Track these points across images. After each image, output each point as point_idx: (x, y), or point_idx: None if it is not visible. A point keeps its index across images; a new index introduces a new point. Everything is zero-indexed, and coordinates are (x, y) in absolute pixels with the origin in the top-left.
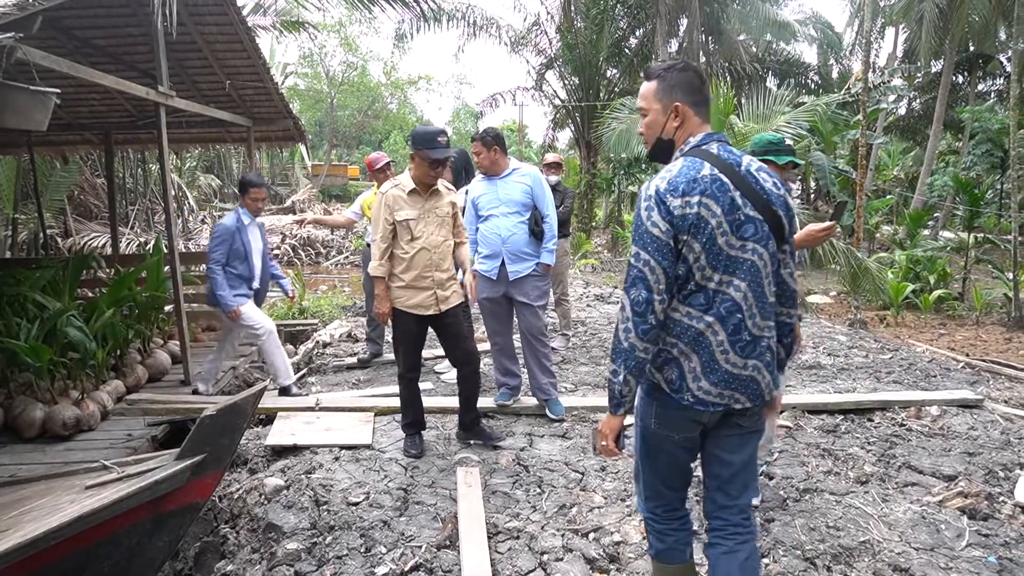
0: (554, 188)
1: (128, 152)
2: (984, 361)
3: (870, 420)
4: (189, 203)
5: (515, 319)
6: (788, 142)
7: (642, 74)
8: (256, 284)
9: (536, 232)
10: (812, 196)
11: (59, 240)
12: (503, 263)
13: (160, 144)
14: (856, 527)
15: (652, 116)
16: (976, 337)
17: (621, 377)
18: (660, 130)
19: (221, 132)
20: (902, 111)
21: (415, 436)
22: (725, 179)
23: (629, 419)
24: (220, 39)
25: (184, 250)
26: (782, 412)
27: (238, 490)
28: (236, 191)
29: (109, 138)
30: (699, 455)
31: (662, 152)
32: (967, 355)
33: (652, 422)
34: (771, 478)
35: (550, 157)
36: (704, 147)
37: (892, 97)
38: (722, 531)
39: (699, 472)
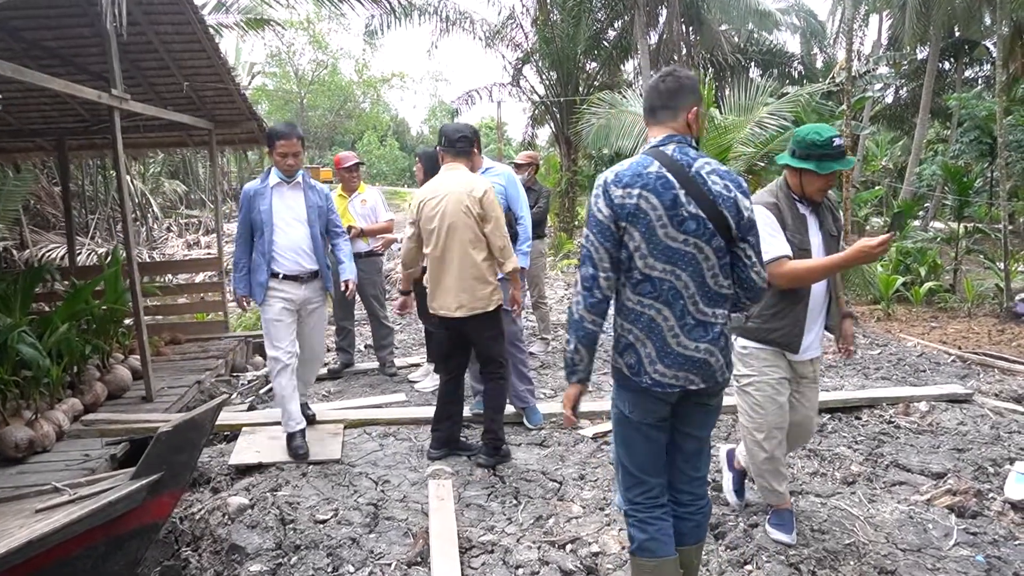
0: (528, 188)
1: (87, 159)
2: (976, 354)
3: (858, 418)
4: (153, 210)
5: None
6: (838, 141)
7: None
8: (283, 265)
9: (510, 234)
10: None
11: (14, 252)
12: None
13: (115, 150)
14: (842, 529)
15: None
16: (968, 329)
17: (572, 346)
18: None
19: (182, 136)
20: (889, 99)
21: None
22: (671, 177)
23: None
24: (177, 39)
25: (149, 259)
26: None
27: (200, 510)
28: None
29: (63, 144)
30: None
31: None
32: (959, 348)
33: (625, 407)
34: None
35: (520, 156)
36: (661, 147)
37: (878, 86)
38: (692, 505)
39: None
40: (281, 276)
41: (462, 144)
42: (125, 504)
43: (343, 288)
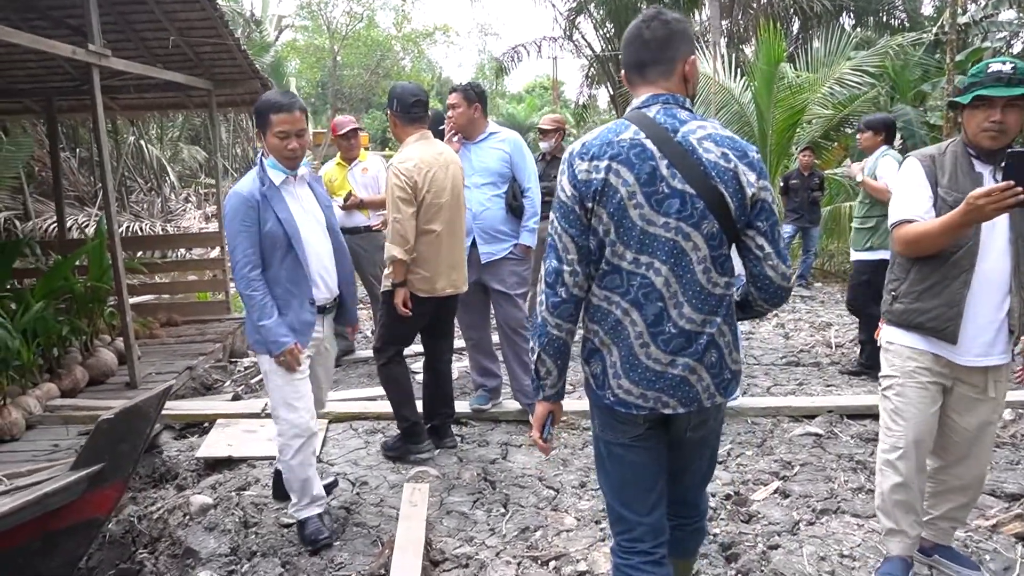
0: (554, 157)
1: (78, 121)
2: None
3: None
4: (170, 179)
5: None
6: (998, 66)
7: None
8: (320, 292)
9: (514, 208)
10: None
11: (17, 223)
12: (474, 243)
13: (94, 111)
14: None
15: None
16: None
17: (535, 356)
18: None
19: (180, 97)
20: (1016, 49)
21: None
22: (650, 145)
23: None
24: None
25: (160, 232)
26: (815, 417)
27: (160, 509)
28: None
29: (51, 105)
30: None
31: None
32: None
33: (596, 426)
34: (786, 496)
35: (544, 120)
36: (643, 109)
37: (1000, 34)
38: (688, 522)
39: None
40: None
41: (417, 110)
42: (62, 497)
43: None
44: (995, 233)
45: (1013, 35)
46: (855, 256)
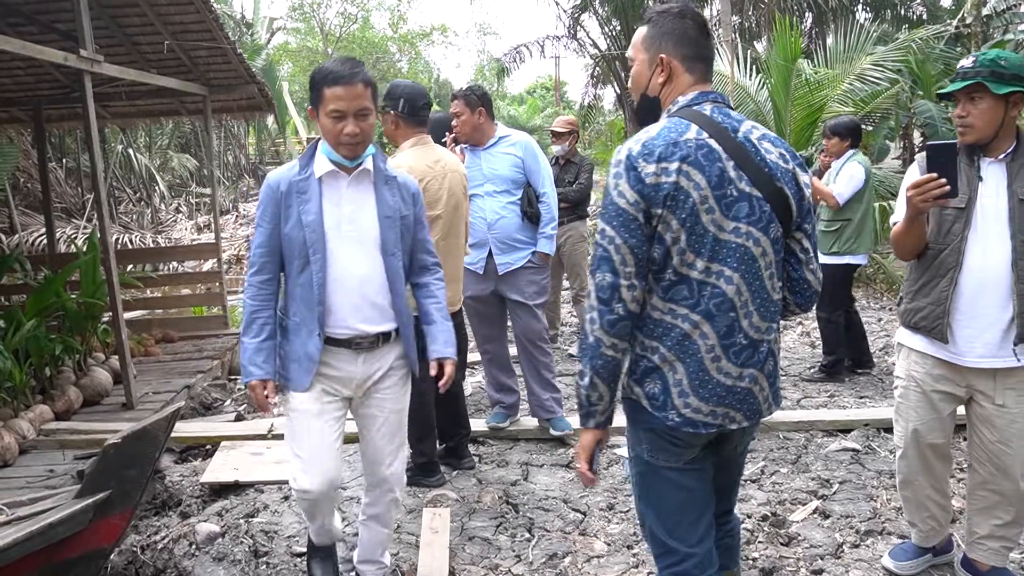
0: (567, 160)
1: (68, 130)
2: None
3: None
4: (160, 189)
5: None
6: (972, 60)
7: None
8: (337, 320)
9: (530, 215)
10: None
11: (3, 237)
12: (490, 253)
13: (87, 120)
14: None
15: (637, 67)
16: None
17: (587, 380)
18: (645, 85)
19: (174, 103)
20: None
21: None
22: (715, 146)
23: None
24: None
25: (151, 244)
26: (850, 431)
27: (164, 538)
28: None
29: (39, 114)
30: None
31: (647, 112)
32: None
33: (643, 450)
34: (827, 516)
35: (558, 122)
36: (695, 108)
37: (1022, 26)
38: (728, 523)
39: None
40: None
41: (426, 112)
42: (68, 527)
43: (434, 372)
44: (990, 230)
45: None
46: (821, 260)
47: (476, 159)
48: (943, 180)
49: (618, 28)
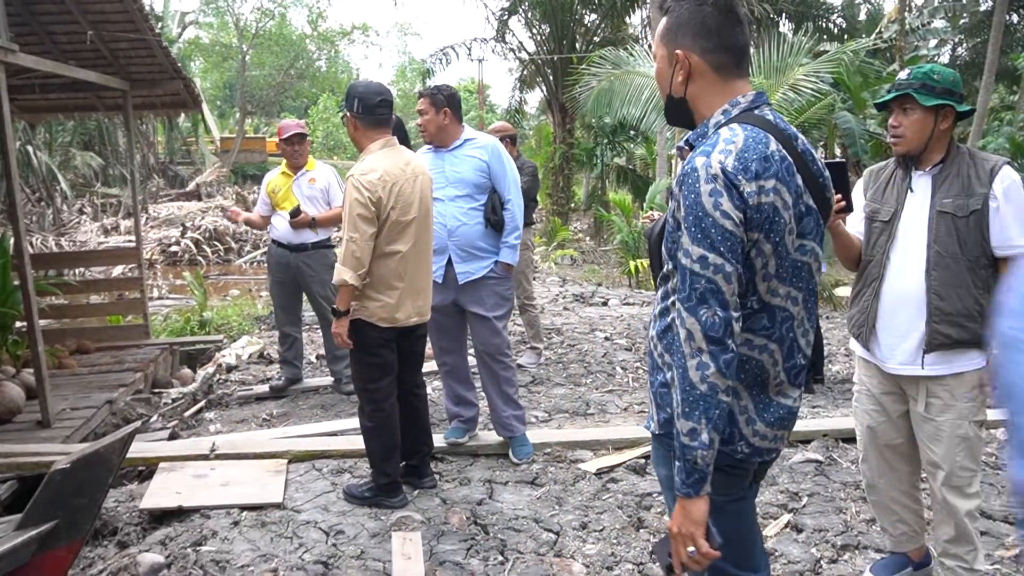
0: None
1: None
2: None
3: None
4: (62, 188)
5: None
6: (906, 72)
7: None
8: None
9: (493, 222)
10: None
11: None
12: (450, 261)
13: None
14: None
15: (658, 64)
16: None
17: (705, 437)
18: (668, 85)
19: (91, 98)
20: (944, 59)
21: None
22: (790, 158)
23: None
24: None
25: (50, 249)
26: (809, 442)
27: (102, 572)
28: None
29: None
30: None
31: (674, 113)
32: None
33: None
34: (799, 530)
35: (492, 127)
36: (757, 112)
37: (933, 42)
38: None
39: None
40: None
41: (383, 111)
42: (7, 563)
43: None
44: (911, 241)
45: (942, 43)
46: None
47: (440, 161)
48: (838, 196)
49: (547, 31)
